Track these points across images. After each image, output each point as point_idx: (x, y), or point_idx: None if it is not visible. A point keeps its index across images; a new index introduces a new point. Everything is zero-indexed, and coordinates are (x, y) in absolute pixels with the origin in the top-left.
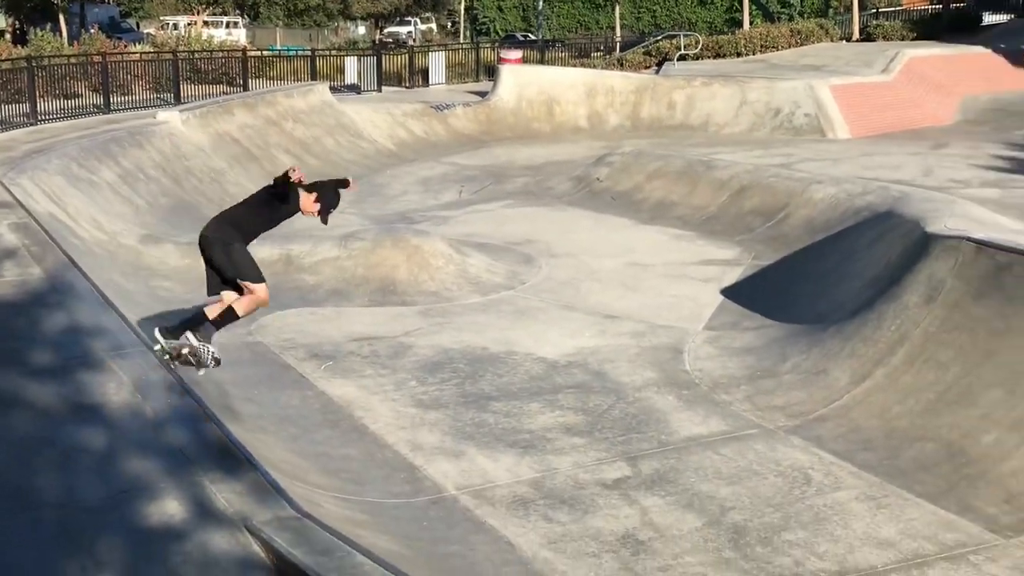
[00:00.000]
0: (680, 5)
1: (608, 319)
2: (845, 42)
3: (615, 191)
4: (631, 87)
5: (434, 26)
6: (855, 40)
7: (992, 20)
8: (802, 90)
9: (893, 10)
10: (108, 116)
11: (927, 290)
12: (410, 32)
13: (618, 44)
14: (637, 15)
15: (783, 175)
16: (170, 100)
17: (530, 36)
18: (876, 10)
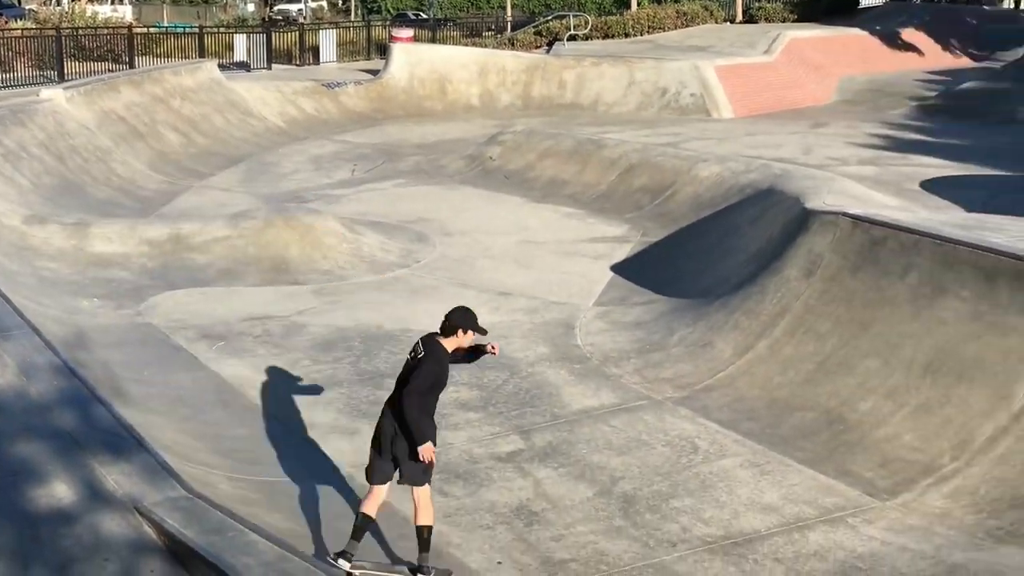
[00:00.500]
0: None
1: (502, 296)
2: (729, 23)
3: (508, 170)
4: (522, 67)
5: (324, 3)
6: (739, 22)
7: (869, 2)
8: (688, 71)
9: None
10: None
11: (807, 264)
12: (300, 9)
13: (509, 24)
14: None
15: (670, 154)
16: (53, 78)
17: (421, 15)
18: None
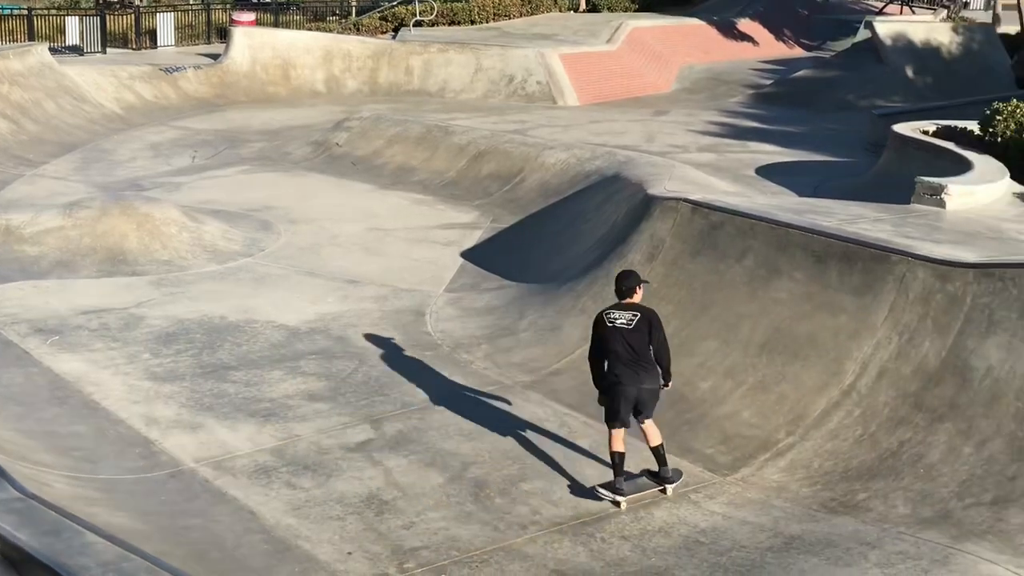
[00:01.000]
0: None
1: (350, 284)
2: (573, 12)
3: (355, 156)
4: (368, 52)
5: None
6: (582, 10)
7: None
8: (534, 58)
9: None
10: None
11: (650, 248)
12: None
13: (354, 8)
14: None
15: (518, 141)
16: None
17: None
18: None
